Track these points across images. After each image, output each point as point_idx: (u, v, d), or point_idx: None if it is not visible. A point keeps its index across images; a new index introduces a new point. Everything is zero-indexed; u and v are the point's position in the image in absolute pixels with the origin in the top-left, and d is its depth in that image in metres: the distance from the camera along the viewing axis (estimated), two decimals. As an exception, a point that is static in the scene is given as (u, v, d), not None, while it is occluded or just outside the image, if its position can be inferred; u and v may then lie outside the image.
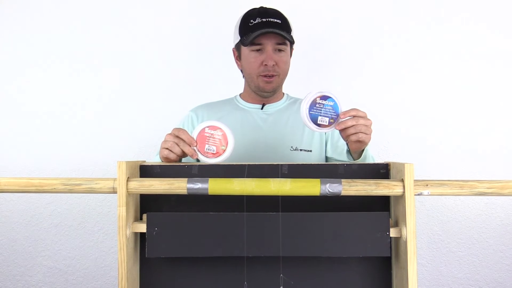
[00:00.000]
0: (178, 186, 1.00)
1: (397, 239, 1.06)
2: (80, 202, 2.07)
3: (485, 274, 2.11)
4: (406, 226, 0.99)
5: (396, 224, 1.07)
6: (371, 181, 1.01)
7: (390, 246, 1.04)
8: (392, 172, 1.11)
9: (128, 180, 1.01)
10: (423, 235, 2.11)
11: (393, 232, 1.03)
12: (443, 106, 2.10)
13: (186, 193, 1.00)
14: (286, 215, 1.02)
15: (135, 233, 1.07)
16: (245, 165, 1.11)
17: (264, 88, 1.53)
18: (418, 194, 1.01)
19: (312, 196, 1.01)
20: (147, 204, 1.12)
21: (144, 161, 1.14)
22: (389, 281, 1.12)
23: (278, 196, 1.05)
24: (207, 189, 0.99)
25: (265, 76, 1.50)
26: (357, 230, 1.02)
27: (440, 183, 1.01)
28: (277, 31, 1.44)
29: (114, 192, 1.00)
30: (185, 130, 1.19)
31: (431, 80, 2.10)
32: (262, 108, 1.60)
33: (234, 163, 1.13)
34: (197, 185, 1.00)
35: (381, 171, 1.13)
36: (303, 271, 1.12)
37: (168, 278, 1.12)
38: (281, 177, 1.07)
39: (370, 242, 1.02)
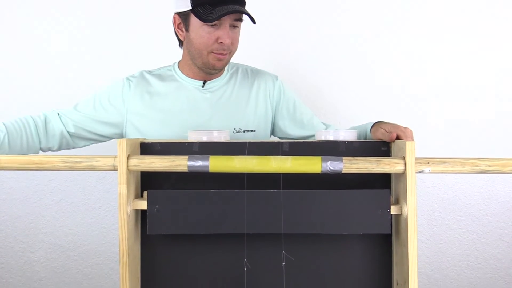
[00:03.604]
0: (179, 163, 1.00)
1: (398, 216, 1.06)
2: (81, 180, 2.07)
3: (484, 251, 2.12)
4: (407, 204, 0.99)
5: (396, 202, 1.07)
6: (372, 159, 1.01)
7: (391, 224, 1.04)
8: (394, 149, 1.11)
9: (128, 157, 1.01)
10: (423, 212, 2.12)
11: (393, 210, 1.03)
12: (445, 84, 2.08)
13: (187, 170, 1.00)
14: (287, 192, 1.03)
15: (136, 211, 1.08)
16: (246, 142, 1.11)
17: (214, 66, 1.39)
18: (419, 172, 1.01)
19: (313, 173, 1.01)
20: (148, 182, 1.12)
21: (145, 139, 1.14)
22: (390, 258, 1.13)
23: (279, 173, 1.05)
24: (207, 166, 0.99)
25: (217, 53, 1.36)
26: (358, 207, 1.03)
27: (442, 160, 1.01)
28: (244, 10, 1.31)
29: (115, 169, 1.00)
30: None
31: (432, 57, 2.08)
32: (203, 86, 1.47)
33: (235, 141, 1.13)
34: (198, 163, 0.99)
35: (382, 149, 1.13)
36: (304, 249, 1.12)
37: (169, 255, 1.13)
38: (282, 155, 1.07)
39: (370, 220, 1.03)
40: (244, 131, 1.45)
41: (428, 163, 1.01)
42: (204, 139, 1.13)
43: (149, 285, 1.13)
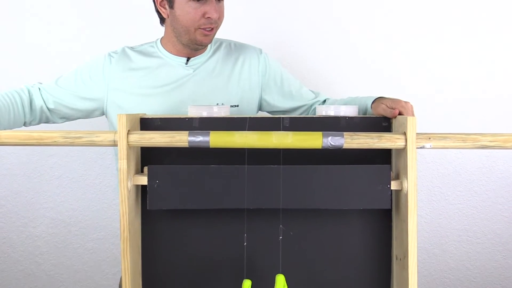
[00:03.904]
0: (179, 139, 1.00)
1: (398, 191, 1.06)
2: (81, 155, 2.07)
3: (484, 225, 2.13)
4: (407, 179, 0.99)
5: (397, 177, 1.07)
6: (373, 134, 1.00)
7: (391, 199, 1.04)
8: (394, 125, 1.10)
9: (128, 133, 1.00)
10: (423, 188, 2.12)
11: (394, 185, 1.03)
12: (447, 58, 2.07)
13: (187, 146, 1.00)
14: (288, 168, 1.03)
15: (137, 186, 1.08)
16: (247, 117, 1.11)
17: (201, 42, 1.37)
18: (420, 147, 1.00)
19: (313, 149, 1.01)
20: (148, 157, 1.12)
21: (145, 114, 1.14)
22: (389, 233, 1.13)
23: (280, 149, 1.04)
24: (208, 142, 0.99)
25: (204, 29, 1.34)
26: (358, 182, 1.03)
27: (443, 136, 1.01)
28: None
29: (115, 145, 1.00)
30: None
31: (433, 32, 2.06)
32: (186, 63, 1.45)
33: (235, 116, 1.13)
34: (198, 138, 0.99)
35: (383, 124, 1.13)
36: (304, 224, 1.13)
37: (169, 230, 1.14)
38: (282, 130, 1.07)
39: (371, 195, 1.03)
40: None
41: (429, 138, 1.00)
42: (204, 114, 1.13)
43: (150, 260, 1.14)
